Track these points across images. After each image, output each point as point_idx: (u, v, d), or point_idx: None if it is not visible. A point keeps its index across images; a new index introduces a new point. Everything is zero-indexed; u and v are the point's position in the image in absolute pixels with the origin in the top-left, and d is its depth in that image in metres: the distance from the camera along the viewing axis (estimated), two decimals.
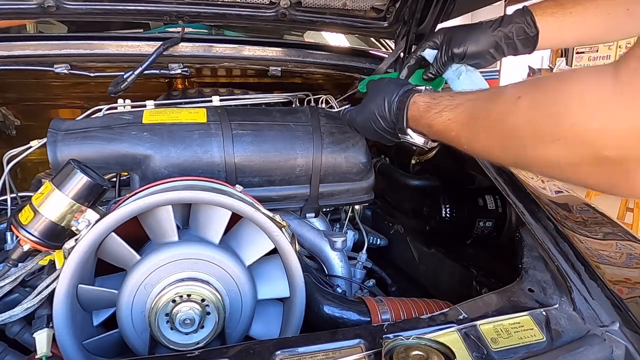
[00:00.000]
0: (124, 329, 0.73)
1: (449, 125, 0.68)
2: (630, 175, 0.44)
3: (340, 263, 1.07)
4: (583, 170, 0.48)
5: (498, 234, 1.14)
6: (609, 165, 0.45)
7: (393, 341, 0.61)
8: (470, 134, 0.64)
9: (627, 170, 0.44)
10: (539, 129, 0.50)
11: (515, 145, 0.55)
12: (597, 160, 0.45)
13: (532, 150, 0.52)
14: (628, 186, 0.45)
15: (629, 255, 0.89)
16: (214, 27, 1.50)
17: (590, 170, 0.47)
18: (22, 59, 1.03)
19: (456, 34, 0.92)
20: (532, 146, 0.52)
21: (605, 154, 0.44)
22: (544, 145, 0.50)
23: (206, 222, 0.78)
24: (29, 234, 0.69)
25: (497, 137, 0.58)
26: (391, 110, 0.82)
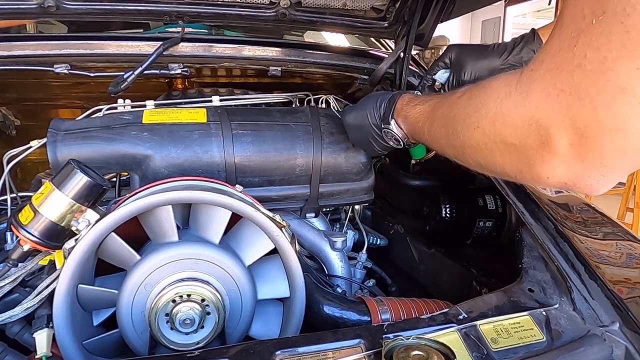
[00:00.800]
0: (124, 329, 0.73)
1: (418, 117, 0.76)
2: (532, 163, 0.50)
3: (340, 263, 1.07)
4: (497, 156, 0.55)
5: (498, 234, 1.14)
6: (515, 152, 0.51)
7: (393, 341, 0.61)
8: (429, 124, 0.71)
9: (528, 157, 0.50)
10: (468, 117, 0.58)
11: (452, 132, 0.62)
12: (506, 146, 0.52)
13: (463, 136, 0.60)
14: (531, 173, 0.51)
15: (629, 255, 0.89)
16: (214, 27, 1.50)
17: (502, 156, 0.54)
18: (22, 59, 1.03)
19: (466, 59, 0.96)
20: (462, 132, 0.60)
21: (510, 140, 0.51)
22: (470, 132, 0.58)
23: (206, 222, 0.78)
24: (29, 234, 0.69)
25: (443, 126, 0.66)
26: (382, 105, 0.87)
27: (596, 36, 0.39)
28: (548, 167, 0.48)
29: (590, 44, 0.40)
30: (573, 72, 0.42)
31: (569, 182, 0.48)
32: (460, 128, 0.60)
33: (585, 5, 0.40)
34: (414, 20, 1.12)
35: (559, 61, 0.44)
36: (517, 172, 0.54)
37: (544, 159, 0.48)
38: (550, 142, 0.46)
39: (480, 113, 0.55)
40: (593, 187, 0.48)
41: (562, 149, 0.46)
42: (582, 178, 0.47)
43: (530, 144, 0.49)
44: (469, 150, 0.60)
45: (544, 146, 0.47)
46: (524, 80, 0.49)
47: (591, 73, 0.40)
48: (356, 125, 0.93)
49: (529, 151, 0.49)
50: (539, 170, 0.50)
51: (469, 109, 0.58)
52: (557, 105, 0.44)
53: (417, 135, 0.79)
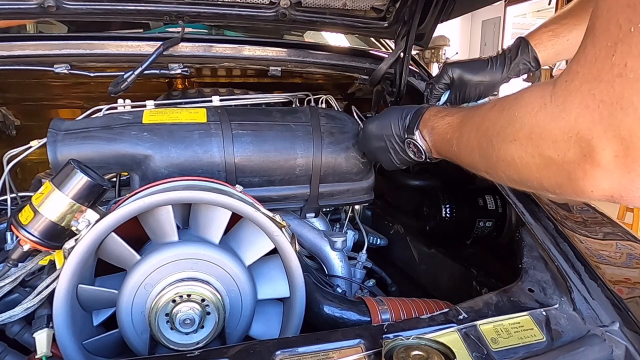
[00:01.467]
0: (124, 329, 0.73)
1: (446, 129, 0.74)
2: (573, 177, 0.48)
3: (340, 263, 1.07)
4: (534, 170, 0.54)
5: (498, 234, 1.14)
6: (553, 166, 0.50)
7: (393, 341, 0.61)
8: (458, 135, 0.70)
9: (568, 171, 0.49)
10: (502, 129, 0.57)
11: (486, 145, 0.61)
12: (543, 160, 0.51)
13: (497, 150, 0.58)
14: (573, 187, 0.50)
15: (629, 255, 0.89)
16: (214, 27, 1.50)
17: (540, 171, 0.53)
18: (22, 59, 1.03)
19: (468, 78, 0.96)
20: (497, 145, 0.58)
21: (548, 154, 0.50)
22: (505, 145, 0.57)
23: (206, 222, 0.78)
24: (29, 234, 0.69)
25: (475, 138, 0.65)
26: (408, 116, 0.85)
27: (636, 44, 0.39)
28: (592, 180, 0.47)
29: (630, 52, 0.40)
30: (613, 82, 0.41)
31: (615, 194, 0.47)
32: (494, 141, 0.59)
33: (621, 15, 0.40)
34: (414, 20, 1.12)
35: (597, 72, 0.43)
36: (557, 187, 0.53)
37: (587, 172, 0.47)
38: (593, 155, 0.45)
39: (515, 126, 0.54)
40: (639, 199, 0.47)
41: (606, 161, 0.44)
42: (629, 190, 0.46)
43: (570, 157, 0.48)
44: (503, 164, 0.59)
45: (586, 159, 0.46)
46: (558, 92, 0.48)
47: (634, 81, 0.40)
48: (377, 135, 0.90)
49: (570, 165, 0.48)
50: (581, 184, 0.48)
51: (502, 121, 0.57)
52: (597, 116, 0.43)
53: (443, 147, 0.77)
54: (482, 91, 0.97)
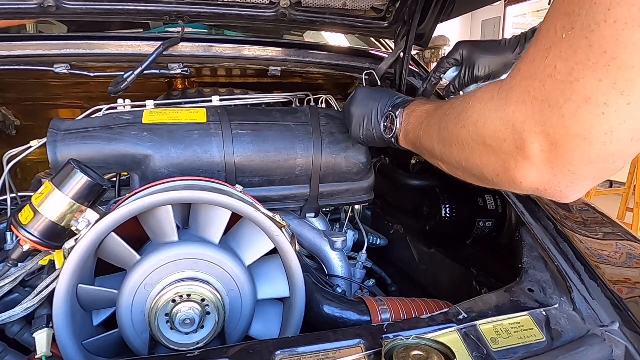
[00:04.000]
0: (124, 329, 0.73)
1: (422, 114, 0.78)
2: (507, 167, 0.52)
3: (340, 263, 1.07)
4: (477, 157, 0.58)
5: (498, 234, 1.14)
6: (492, 155, 0.54)
7: (393, 341, 0.61)
8: (429, 120, 0.74)
9: (504, 160, 0.52)
10: (458, 115, 0.61)
11: (444, 129, 0.66)
12: (485, 148, 0.55)
13: (450, 134, 0.63)
14: (507, 176, 0.53)
15: (629, 255, 0.89)
16: (214, 27, 1.50)
17: (482, 158, 0.57)
18: (22, 59, 1.03)
19: (479, 55, 0.96)
20: (451, 130, 0.63)
21: (489, 142, 0.54)
22: (457, 130, 0.61)
23: (206, 222, 0.78)
24: (29, 234, 0.69)
25: (438, 123, 0.69)
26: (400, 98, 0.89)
27: (565, 49, 0.42)
28: (522, 171, 0.50)
29: (560, 55, 0.43)
30: (545, 81, 0.45)
31: (540, 187, 0.50)
32: (450, 125, 0.63)
33: (558, 22, 0.43)
34: (414, 20, 1.12)
35: (533, 70, 0.46)
36: (494, 175, 0.56)
37: (518, 163, 0.50)
38: (523, 147, 0.49)
39: (467, 113, 0.58)
40: (563, 194, 0.50)
41: (534, 154, 0.48)
42: (552, 184, 0.49)
43: (506, 147, 0.51)
44: (455, 149, 0.63)
45: (518, 150, 0.50)
46: (504, 86, 0.51)
47: (560, 83, 0.43)
48: (364, 101, 0.93)
49: (505, 155, 0.52)
50: (513, 174, 0.52)
51: (459, 108, 0.61)
52: (530, 112, 0.47)
53: (413, 131, 0.80)
54: (492, 70, 0.96)
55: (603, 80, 0.40)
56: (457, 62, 0.98)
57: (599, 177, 0.48)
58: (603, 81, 0.40)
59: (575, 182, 0.48)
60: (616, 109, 0.41)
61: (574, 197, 0.51)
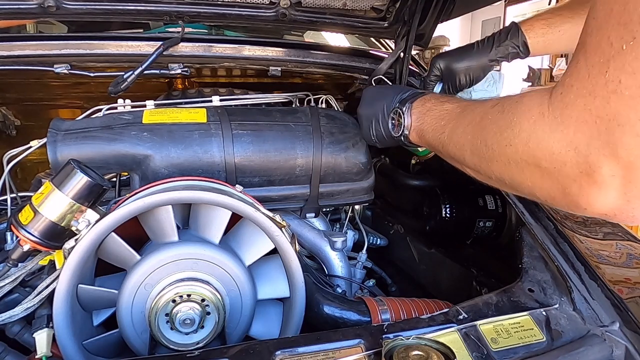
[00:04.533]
0: (124, 329, 0.73)
1: (443, 114, 0.74)
2: (567, 191, 0.48)
3: (340, 263, 1.07)
4: (527, 178, 0.53)
5: (498, 234, 1.14)
6: (548, 177, 0.50)
7: (393, 341, 0.61)
8: (453, 125, 0.69)
9: (563, 185, 0.48)
10: (500, 131, 0.56)
11: (481, 142, 0.61)
12: (539, 170, 0.51)
13: (492, 150, 0.58)
14: (566, 201, 0.49)
15: (629, 255, 0.89)
16: (214, 27, 1.50)
17: (534, 179, 0.52)
18: (22, 59, 1.02)
19: (456, 66, 0.97)
20: (492, 146, 0.58)
21: (544, 165, 0.49)
22: (501, 148, 0.56)
23: (206, 222, 0.78)
24: (29, 234, 0.69)
25: (470, 133, 0.64)
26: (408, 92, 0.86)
27: (630, 61, 0.39)
28: (587, 197, 0.46)
29: (623, 69, 0.39)
30: (609, 99, 0.41)
31: (609, 213, 0.46)
32: (490, 141, 0.58)
33: (612, 33, 0.40)
34: (414, 20, 1.12)
35: (591, 87, 0.42)
36: (550, 198, 0.52)
37: (583, 189, 0.46)
38: (590, 172, 0.44)
39: (514, 131, 0.53)
40: (636, 218, 0.46)
41: (602, 180, 0.43)
42: (624, 210, 0.45)
43: (567, 171, 0.47)
44: (496, 165, 0.58)
45: (582, 175, 0.45)
46: (555, 103, 0.47)
47: (629, 98, 0.39)
48: (372, 100, 0.92)
49: (566, 179, 0.47)
50: (576, 200, 0.48)
51: (501, 122, 0.56)
52: (595, 132, 0.43)
53: (431, 132, 0.76)
54: (473, 77, 0.98)
55: None
56: (438, 78, 1.01)
57: None
58: None
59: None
60: None
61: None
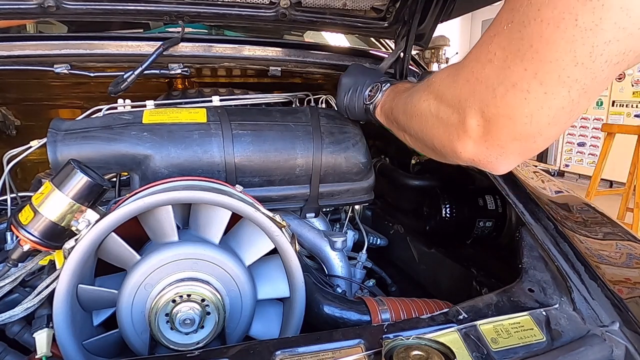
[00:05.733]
0: (124, 329, 0.73)
1: (402, 89, 0.83)
2: (451, 138, 0.59)
3: (340, 263, 1.07)
4: (430, 127, 0.64)
5: (498, 234, 1.14)
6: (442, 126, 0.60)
7: (393, 341, 0.61)
8: (401, 95, 0.79)
9: (449, 132, 0.59)
10: (421, 90, 0.68)
11: (409, 101, 0.72)
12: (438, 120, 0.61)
13: (413, 106, 0.70)
14: (451, 146, 0.60)
15: (629, 255, 0.89)
16: (214, 27, 1.50)
17: (435, 128, 0.63)
18: (22, 59, 1.02)
19: None
20: (414, 102, 0.70)
21: (441, 115, 0.60)
22: (419, 103, 0.67)
23: (206, 222, 0.78)
24: (29, 234, 0.69)
25: (406, 97, 0.75)
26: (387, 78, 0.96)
27: (503, 39, 0.48)
28: (461, 143, 0.57)
29: (499, 44, 0.49)
30: (485, 65, 0.51)
31: (475, 158, 0.57)
32: (415, 98, 0.70)
33: (504, 14, 0.49)
34: (414, 20, 1.12)
35: (479, 54, 0.53)
36: (441, 146, 0.63)
37: (459, 136, 0.57)
38: (464, 121, 0.55)
39: (430, 88, 0.65)
40: (493, 165, 0.57)
41: (471, 128, 0.55)
42: (484, 156, 0.56)
43: (452, 120, 0.58)
44: (415, 120, 0.69)
45: (460, 124, 0.56)
46: (457, 65, 0.58)
47: (496, 68, 0.49)
48: (356, 73, 1.02)
49: (451, 127, 0.58)
50: (455, 145, 0.59)
51: (425, 83, 0.67)
52: (472, 90, 0.53)
53: (386, 104, 0.86)
54: None
55: (527, 70, 0.46)
56: None
57: (524, 154, 0.55)
58: (527, 70, 0.46)
59: (504, 155, 0.54)
60: (535, 95, 0.47)
61: (504, 169, 0.57)
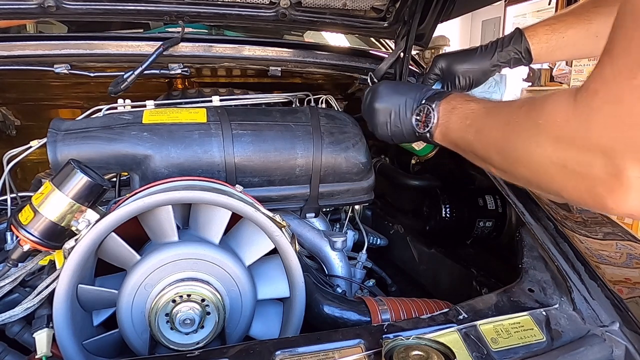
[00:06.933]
0: (124, 329, 0.73)
1: (469, 113, 0.73)
2: (596, 192, 0.49)
3: (340, 263, 1.07)
4: (555, 178, 0.55)
5: (498, 234, 1.14)
6: (577, 178, 0.51)
7: (393, 341, 0.61)
8: (480, 124, 0.70)
9: (591, 185, 0.50)
10: (527, 132, 0.57)
11: (508, 143, 0.62)
12: (567, 171, 0.52)
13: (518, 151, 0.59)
14: (594, 201, 0.51)
15: (629, 255, 0.89)
16: (214, 27, 1.50)
17: (562, 180, 0.54)
18: (22, 59, 1.02)
19: (457, 67, 0.97)
20: (519, 147, 0.59)
21: (572, 167, 0.51)
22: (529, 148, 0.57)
23: (206, 222, 0.78)
24: (29, 234, 0.69)
25: (497, 133, 0.65)
26: (429, 91, 0.85)
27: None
28: (615, 198, 0.48)
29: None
30: (635, 104, 0.42)
31: (636, 213, 0.48)
32: (517, 141, 0.59)
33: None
34: (414, 20, 1.12)
35: (618, 92, 0.44)
36: (577, 198, 0.54)
37: (611, 190, 0.48)
38: (618, 174, 0.46)
39: (540, 130, 0.54)
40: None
41: (629, 181, 0.45)
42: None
43: (594, 172, 0.48)
44: (522, 166, 0.60)
45: (609, 177, 0.47)
46: (580, 107, 0.48)
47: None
48: (388, 95, 0.89)
49: (593, 180, 0.49)
50: (604, 201, 0.49)
51: (529, 123, 0.57)
52: (621, 137, 0.44)
53: (456, 131, 0.76)
54: (473, 80, 0.98)
55: None
56: (438, 77, 1.00)
57: None
58: None
59: None
60: None
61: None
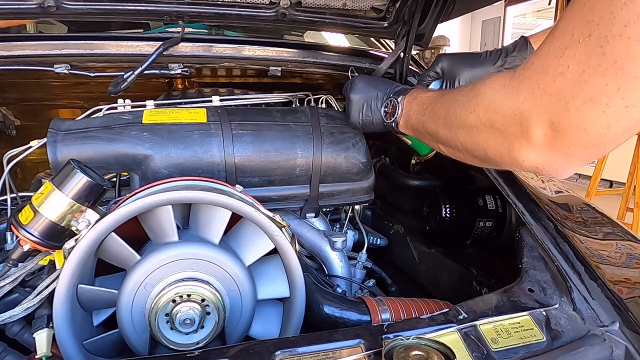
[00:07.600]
0: (124, 329, 0.73)
1: (425, 100, 0.83)
2: (511, 148, 0.60)
3: (340, 263, 1.07)
4: (483, 139, 0.64)
5: (498, 234, 1.14)
6: (499, 136, 0.61)
7: (393, 341, 0.61)
8: (433, 105, 0.79)
9: (508, 142, 0.60)
10: (468, 101, 0.67)
11: (451, 113, 0.71)
12: (492, 130, 0.62)
13: (459, 117, 0.69)
14: (510, 157, 0.61)
15: (629, 255, 0.89)
16: (214, 27, 1.50)
17: (488, 139, 0.63)
18: (22, 59, 1.02)
19: (459, 68, 0.98)
20: (460, 114, 0.69)
21: (497, 125, 0.61)
22: (466, 115, 0.67)
23: (206, 222, 0.78)
24: (29, 234, 0.69)
25: (444, 108, 0.75)
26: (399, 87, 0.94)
27: (580, 53, 0.48)
28: (524, 152, 0.58)
29: (574, 57, 0.49)
30: (556, 78, 0.51)
31: (539, 166, 0.58)
32: (459, 110, 0.69)
33: (576, 26, 0.48)
34: (414, 20, 1.12)
35: (546, 66, 0.52)
36: (498, 156, 0.63)
37: (522, 145, 0.58)
38: (528, 132, 0.56)
39: (478, 99, 0.64)
40: (557, 171, 0.58)
41: (537, 138, 0.55)
42: (549, 163, 0.57)
43: (512, 131, 0.58)
44: (461, 131, 0.69)
45: (523, 134, 0.57)
46: (516, 76, 0.58)
47: (570, 81, 0.50)
48: (364, 88, 0.98)
49: (510, 137, 0.59)
50: (516, 155, 0.59)
51: (470, 94, 0.67)
52: (538, 102, 0.54)
53: (415, 115, 0.84)
54: None
55: (609, 85, 0.46)
56: (437, 75, 1.01)
57: (590, 159, 0.56)
58: (609, 85, 0.46)
59: (570, 162, 0.56)
60: (615, 109, 0.47)
61: (567, 175, 0.59)
